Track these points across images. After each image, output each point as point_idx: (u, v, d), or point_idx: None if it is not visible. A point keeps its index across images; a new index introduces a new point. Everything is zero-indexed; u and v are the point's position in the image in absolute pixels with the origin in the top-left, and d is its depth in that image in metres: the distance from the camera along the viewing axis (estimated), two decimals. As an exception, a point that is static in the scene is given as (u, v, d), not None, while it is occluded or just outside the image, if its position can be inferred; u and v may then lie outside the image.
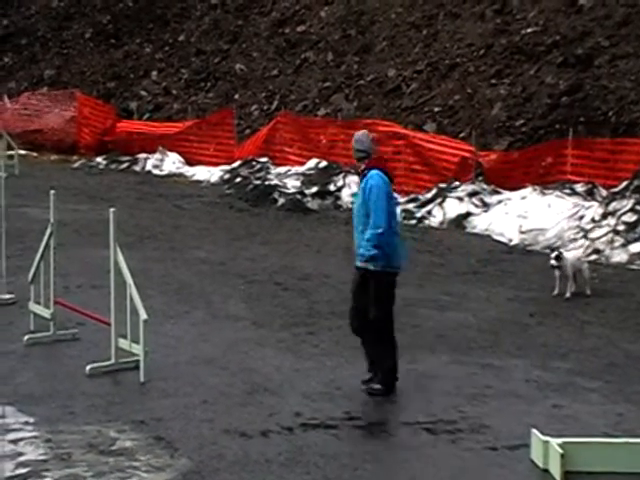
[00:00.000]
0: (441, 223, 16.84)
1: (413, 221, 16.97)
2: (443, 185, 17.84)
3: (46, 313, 8.75)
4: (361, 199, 7.39)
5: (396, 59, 23.78)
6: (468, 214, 16.67)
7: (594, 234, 14.38)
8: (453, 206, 17.00)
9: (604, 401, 7.53)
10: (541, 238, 14.94)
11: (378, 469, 6.08)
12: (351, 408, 7.20)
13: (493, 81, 20.89)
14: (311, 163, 20.31)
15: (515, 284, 12.13)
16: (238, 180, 20.71)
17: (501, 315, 10.42)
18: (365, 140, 7.56)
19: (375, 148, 7.61)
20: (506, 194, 16.91)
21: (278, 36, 27.87)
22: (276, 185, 19.22)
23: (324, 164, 19.98)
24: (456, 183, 17.67)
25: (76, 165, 24.61)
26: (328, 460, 6.15)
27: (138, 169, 23.72)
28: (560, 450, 5.92)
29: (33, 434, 6.44)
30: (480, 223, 16.31)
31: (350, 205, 16.43)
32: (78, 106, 26.99)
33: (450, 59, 22.43)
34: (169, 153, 23.94)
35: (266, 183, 19.55)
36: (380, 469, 6.08)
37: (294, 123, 22.22)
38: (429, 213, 17.23)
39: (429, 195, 17.79)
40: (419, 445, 6.49)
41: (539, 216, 15.46)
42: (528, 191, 16.45)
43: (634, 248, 13.80)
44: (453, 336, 9.40)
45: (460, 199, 17.09)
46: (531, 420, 6.80)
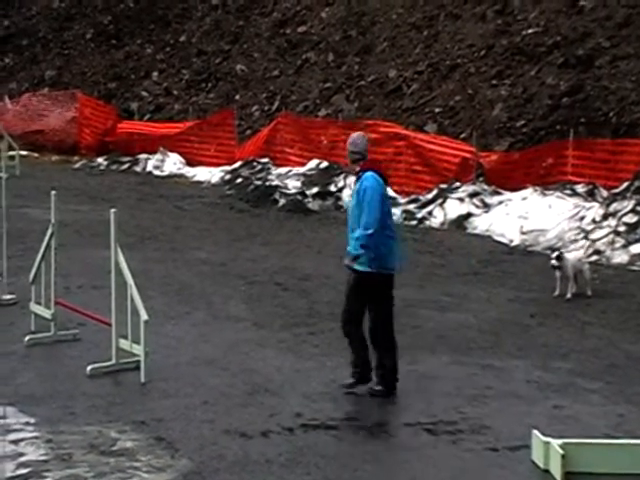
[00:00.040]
0: (442, 224, 16.84)
1: (414, 222, 16.97)
2: (444, 186, 17.83)
3: (47, 314, 8.75)
4: (355, 200, 7.45)
5: (397, 60, 23.77)
6: (469, 215, 16.67)
7: (595, 235, 14.37)
8: (454, 207, 17.00)
9: (605, 402, 7.53)
10: (542, 239, 14.93)
11: (378, 470, 6.08)
12: (352, 409, 7.21)
13: (494, 82, 20.88)
14: (312, 164, 20.30)
15: (516, 285, 12.13)
16: (239, 181, 20.70)
17: (502, 316, 10.42)
18: (360, 142, 7.61)
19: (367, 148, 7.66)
20: (507, 195, 16.90)
21: (279, 37, 27.87)
22: (277, 186, 19.21)
23: (325, 165, 19.98)
24: (457, 184, 17.66)
25: (77, 166, 24.61)
26: (329, 461, 6.16)
27: (139, 170, 23.72)
28: (561, 451, 5.93)
29: (34, 434, 6.45)
30: (481, 224, 16.31)
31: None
32: (79, 107, 26.98)
33: (451, 60, 22.43)
34: (170, 154, 23.93)
35: (267, 184, 19.54)
36: (380, 470, 6.08)
37: (295, 124, 22.21)
38: (430, 214, 17.23)
39: (430, 196, 17.78)
40: (419, 446, 6.49)
41: (540, 217, 15.45)
42: (529, 192, 16.45)
43: (635, 249, 13.79)
44: (454, 337, 9.40)
45: (461, 200, 17.08)
46: (532, 421, 6.80)
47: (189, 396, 7.32)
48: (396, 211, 17.26)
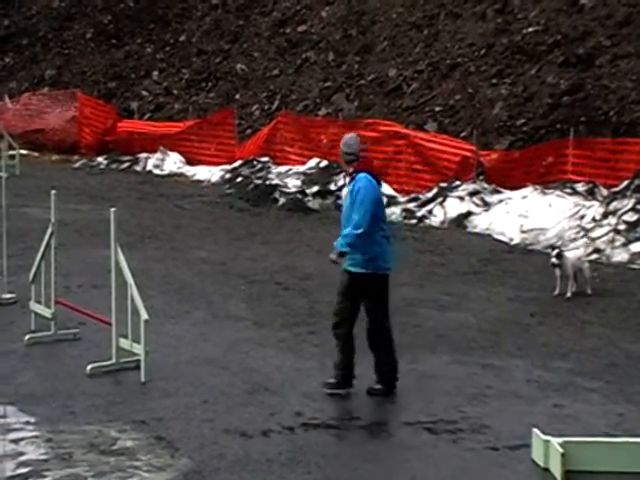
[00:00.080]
0: (442, 222, 16.84)
1: (414, 220, 16.98)
2: (444, 184, 17.83)
3: (47, 313, 8.76)
4: (349, 201, 7.49)
5: (397, 59, 23.77)
6: (469, 213, 16.67)
7: (595, 233, 14.37)
8: (454, 205, 17.00)
9: (605, 401, 7.53)
10: (542, 237, 14.93)
11: (378, 469, 6.08)
12: (352, 408, 7.21)
13: (494, 81, 20.88)
14: (312, 163, 20.31)
15: (516, 284, 12.13)
16: (239, 180, 20.71)
17: (502, 315, 10.41)
18: (354, 143, 7.66)
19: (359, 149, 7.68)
20: (507, 193, 16.90)
21: (279, 36, 27.87)
22: (277, 185, 19.22)
23: (325, 164, 19.99)
24: (457, 182, 17.67)
25: (77, 165, 24.62)
26: (329, 460, 6.16)
27: (139, 169, 23.73)
28: (561, 449, 5.93)
29: (34, 434, 6.45)
30: (481, 222, 16.31)
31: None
32: (79, 106, 26.99)
33: (451, 59, 22.43)
34: (170, 153, 23.94)
35: (267, 183, 19.55)
36: (381, 469, 6.08)
37: (295, 123, 22.23)
38: (430, 212, 17.23)
39: (430, 194, 17.79)
40: (420, 445, 6.49)
41: (540, 215, 15.45)
42: (529, 190, 16.45)
43: (635, 247, 13.79)
44: (454, 336, 9.40)
45: (461, 198, 17.09)
46: (532, 420, 6.80)
47: (189, 395, 7.32)
48: (396, 210, 17.33)
